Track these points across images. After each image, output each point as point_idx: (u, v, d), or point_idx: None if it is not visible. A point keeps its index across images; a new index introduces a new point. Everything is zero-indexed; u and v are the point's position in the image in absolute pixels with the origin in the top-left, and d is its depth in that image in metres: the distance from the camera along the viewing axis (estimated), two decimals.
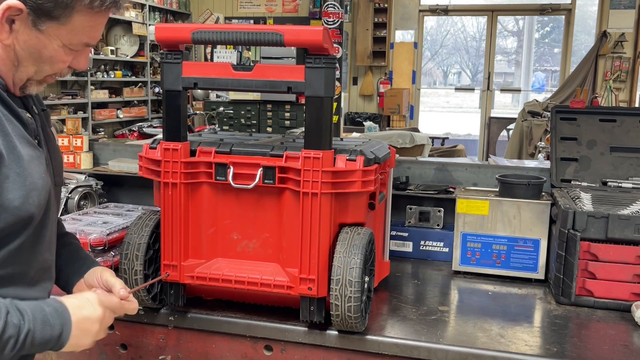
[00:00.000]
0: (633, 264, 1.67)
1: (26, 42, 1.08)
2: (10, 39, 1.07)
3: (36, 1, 1.04)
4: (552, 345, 1.49)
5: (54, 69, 1.15)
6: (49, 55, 1.12)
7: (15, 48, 1.09)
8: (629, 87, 8.43)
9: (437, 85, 16.09)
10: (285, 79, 1.46)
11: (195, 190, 1.55)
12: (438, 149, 6.54)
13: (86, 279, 1.38)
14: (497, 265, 1.95)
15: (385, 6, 9.35)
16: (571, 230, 1.71)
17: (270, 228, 1.54)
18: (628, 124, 2.10)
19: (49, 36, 1.09)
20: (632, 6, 8.13)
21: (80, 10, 1.08)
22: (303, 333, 1.54)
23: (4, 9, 1.03)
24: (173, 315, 1.62)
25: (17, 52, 1.09)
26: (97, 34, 1.16)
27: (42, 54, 1.11)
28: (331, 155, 1.47)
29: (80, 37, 1.12)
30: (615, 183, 2.04)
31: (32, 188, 1.10)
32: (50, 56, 1.12)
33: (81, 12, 1.09)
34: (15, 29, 1.06)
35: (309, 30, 1.40)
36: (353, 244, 1.45)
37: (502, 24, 12.53)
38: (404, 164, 2.43)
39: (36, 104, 1.26)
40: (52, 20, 1.07)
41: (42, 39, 1.09)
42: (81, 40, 1.13)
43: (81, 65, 1.19)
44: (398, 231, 2.16)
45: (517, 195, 1.94)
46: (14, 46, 1.08)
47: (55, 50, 1.11)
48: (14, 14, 1.04)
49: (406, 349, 1.49)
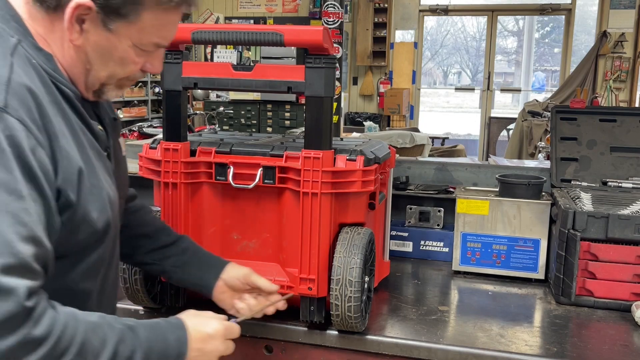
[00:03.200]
0: (633, 263, 1.67)
1: (97, 43, 1.04)
2: (81, 40, 1.02)
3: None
4: (552, 345, 1.49)
5: (126, 71, 1.10)
6: (119, 57, 1.06)
7: (86, 49, 1.04)
8: (629, 87, 8.43)
9: (437, 85, 16.10)
10: (285, 78, 1.46)
11: (195, 190, 1.55)
12: (438, 149, 6.54)
13: (226, 280, 1.40)
14: (497, 265, 1.95)
15: (385, 6, 9.34)
16: (571, 230, 1.71)
17: (270, 228, 1.54)
18: (628, 124, 2.10)
19: (119, 36, 1.04)
20: (632, 6, 8.12)
21: (148, 7, 1.03)
22: (303, 333, 1.54)
23: (73, 7, 0.98)
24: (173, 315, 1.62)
25: (89, 53, 1.04)
26: (168, 34, 1.11)
27: (113, 55, 1.06)
28: (331, 155, 1.47)
29: (150, 36, 1.07)
30: (616, 183, 2.04)
31: (107, 201, 1.07)
32: (120, 57, 1.07)
33: (150, 9, 1.04)
34: (86, 29, 1.01)
35: (309, 30, 1.40)
36: (353, 243, 1.45)
37: (502, 23, 12.54)
38: (404, 164, 2.43)
39: (107, 112, 1.21)
40: (121, 19, 1.02)
41: (112, 39, 1.04)
42: (151, 40, 1.08)
43: (155, 68, 1.14)
44: (398, 231, 2.16)
45: (517, 195, 1.94)
46: (85, 47, 1.03)
47: (125, 51, 1.06)
48: (84, 13, 1.00)
49: (406, 349, 1.49)
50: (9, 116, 0.88)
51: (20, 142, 0.88)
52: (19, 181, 0.87)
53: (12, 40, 0.97)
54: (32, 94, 0.93)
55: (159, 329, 1.07)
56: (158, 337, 1.05)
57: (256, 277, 1.41)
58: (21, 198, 0.86)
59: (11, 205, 0.85)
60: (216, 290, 1.40)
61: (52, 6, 1.00)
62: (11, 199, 0.85)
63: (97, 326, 0.95)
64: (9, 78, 0.91)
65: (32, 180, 0.89)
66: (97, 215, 1.04)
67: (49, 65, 1.01)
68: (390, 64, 9.62)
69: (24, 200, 0.87)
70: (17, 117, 0.89)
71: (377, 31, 9.45)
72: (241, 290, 1.41)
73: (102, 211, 1.06)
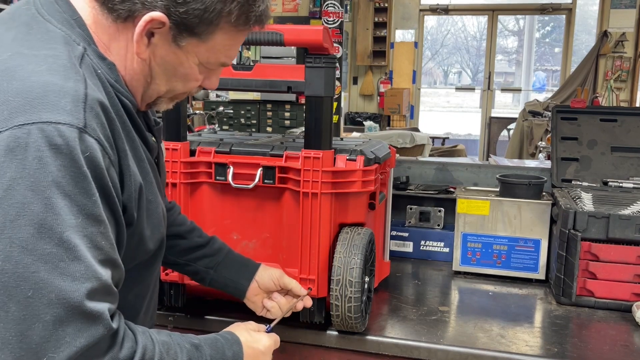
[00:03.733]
0: (634, 264, 1.67)
1: (163, 58, 0.99)
2: (146, 53, 0.97)
3: (181, 15, 0.93)
4: (553, 345, 1.49)
5: (187, 87, 1.06)
6: (184, 73, 1.02)
7: (150, 63, 0.99)
8: (630, 86, 8.42)
9: (438, 85, 16.10)
10: (285, 78, 1.46)
11: (195, 190, 1.55)
12: (438, 149, 6.54)
13: (259, 281, 1.39)
14: (498, 265, 1.95)
15: (385, 5, 9.34)
16: (572, 230, 1.70)
17: (270, 228, 1.53)
18: (629, 124, 2.10)
19: (187, 53, 0.99)
20: (632, 6, 8.12)
21: (223, 27, 0.99)
22: (303, 333, 1.54)
23: (147, 20, 0.93)
24: (172, 315, 1.62)
25: (152, 67, 1.00)
26: (234, 54, 1.07)
27: (177, 71, 1.02)
28: (331, 155, 1.47)
29: (218, 55, 1.03)
30: (616, 183, 2.04)
31: (161, 217, 1.06)
32: (185, 74, 1.02)
33: (224, 29, 0.99)
34: (154, 43, 0.96)
35: (309, 29, 1.39)
36: (353, 244, 1.44)
37: (503, 23, 12.54)
38: (404, 163, 2.43)
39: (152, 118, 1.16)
40: (193, 37, 0.97)
41: (179, 55, 0.99)
42: (218, 60, 1.04)
43: (213, 85, 1.10)
44: (398, 231, 2.16)
45: (517, 195, 1.93)
46: (149, 61, 0.99)
47: (190, 68, 1.02)
48: (156, 27, 0.94)
49: (406, 349, 1.49)
50: (89, 136, 0.83)
51: (99, 164, 0.84)
52: (97, 205, 0.84)
53: (78, 49, 0.92)
54: (104, 109, 0.89)
55: (220, 346, 1.06)
56: (219, 354, 1.05)
57: (288, 279, 1.41)
58: (98, 222, 0.84)
59: (88, 230, 0.82)
60: (250, 291, 1.39)
61: (122, 16, 0.94)
62: (89, 223, 0.82)
63: (169, 347, 0.94)
64: (85, 94, 0.86)
65: (106, 201, 0.87)
66: (149, 233, 1.02)
67: (111, 75, 0.96)
68: (391, 63, 9.62)
69: (100, 224, 0.84)
70: (96, 137, 0.85)
71: (377, 31, 9.45)
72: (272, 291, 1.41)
73: (156, 228, 1.04)
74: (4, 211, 0.77)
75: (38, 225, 0.78)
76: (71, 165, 0.80)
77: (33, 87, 0.82)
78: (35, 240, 0.77)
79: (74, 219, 0.80)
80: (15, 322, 0.77)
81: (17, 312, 0.76)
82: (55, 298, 0.77)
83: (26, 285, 0.77)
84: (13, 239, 0.77)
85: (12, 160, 0.78)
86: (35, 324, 0.77)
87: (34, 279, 0.77)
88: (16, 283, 0.77)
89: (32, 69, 0.84)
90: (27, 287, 0.77)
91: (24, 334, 0.77)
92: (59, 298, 0.78)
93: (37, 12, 0.94)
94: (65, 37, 0.92)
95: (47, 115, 0.80)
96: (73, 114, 0.82)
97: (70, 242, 0.79)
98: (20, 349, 0.77)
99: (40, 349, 0.77)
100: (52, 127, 0.80)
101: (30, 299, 0.77)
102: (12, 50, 0.88)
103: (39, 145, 0.79)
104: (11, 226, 0.77)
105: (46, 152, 0.79)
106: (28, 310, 0.77)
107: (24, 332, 0.77)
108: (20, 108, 0.80)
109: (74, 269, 0.79)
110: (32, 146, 0.79)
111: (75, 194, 0.81)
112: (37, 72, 0.84)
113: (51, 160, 0.79)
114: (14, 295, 0.76)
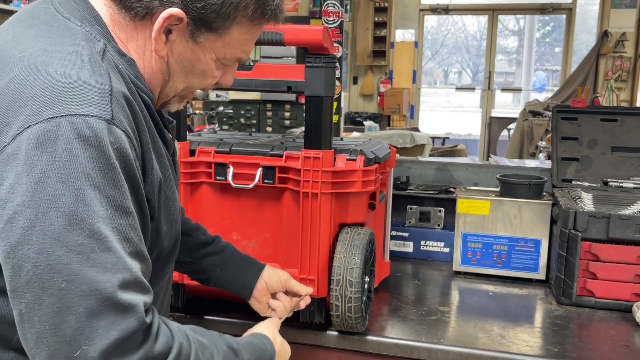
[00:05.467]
0: (634, 264, 1.67)
1: (181, 55, 0.99)
2: (164, 51, 0.97)
3: (198, 10, 0.94)
4: (553, 345, 1.49)
5: (203, 84, 1.06)
6: (201, 69, 1.02)
7: (168, 60, 0.99)
8: (630, 86, 8.42)
9: (438, 85, 16.10)
10: (285, 78, 1.46)
11: (195, 190, 1.55)
12: (438, 149, 6.53)
13: (268, 283, 1.37)
14: (498, 265, 1.95)
15: (385, 5, 9.34)
16: (572, 230, 1.70)
17: (270, 228, 1.53)
18: (629, 124, 2.10)
19: (205, 49, 0.99)
20: (633, 5, 8.11)
21: (240, 21, 0.99)
22: (303, 333, 1.54)
23: (165, 17, 0.93)
24: (172, 315, 1.62)
25: (170, 65, 1.00)
26: (250, 48, 1.07)
27: (195, 68, 1.02)
28: (331, 155, 1.47)
29: (235, 50, 1.03)
30: (617, 183, 2.04)
31: (178, 214, 1.06)
32: (202, 70, 1.02)
33: (241, 23, 1.00)
34: (172, 39, 0.97)
35: (309, 29, 1.39)
36: (353, 244, 1.44)
37: (503, 23, 12.53)
38: (405, 163, 2.43)
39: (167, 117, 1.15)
40: (211, 32, 0.97)
41: (197, 52, 0.99)
42: (235, 55, 1.04)
43: (229, 82, 1.10)
44: (398, 231, 2.16)
45: (518, 195, 1.93)
46: (167, 58, 0.99)
47: (208, 64, 1.02)
48: (174, 24, 0.94)
49: (406, 350, 1.49)
50: (117, 128, 0.84)
51: (127, 155, 0.85)
52: (126, 197, 0.84)
53: (100, 45, 0.92)
54: (128, 102, 0.89)
55: (256, 349, 1.07)
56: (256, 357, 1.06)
57: (294, 282, 1.40)
58: (127, 214, 0.84)
59: (118, 221, 0.82)
60: (258, 292, 1.37)
61: (140, 14, 0.94)
62: (118, 215, 0.82)
63: (205, 347, 0.94)
64: (111, 87, 0.86)
65: (134, 193, 0.87)
66: (166, 229, 1.01)
67: (131, 72, 0.96)
68: (391, 63, 9.62)
69: (129, 216, 0.84)
70: (123, 128, 0.85)
71: (378, 30, 9.45)
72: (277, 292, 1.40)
73: (173, 225, 1.04)
74: (35, 204, 0.78)
75: (69, 217, 0.78)
76: (100, 156, 0.81)
77: (60, 81, 0.83)
78: (67, 232, 0.78)
79: (103, 211, 0.80)
80: (49, 314, 0.77)
81: (50, 304, 0.77)
82: (88, 289, 0.77)
83: (59, 277, 0.77)
84: (45, 231, 0.77)
85: (42, 153, 0.79)
86: (69, 316, 0.77)
87: (67, 270, 0.77)
88: (50, 275, 0.77)
89: (57, 64, 0.85)
90: (60, 279, 0.77)
91: (58, 327, 0.77)
92: (91, 289, 0.78)
93: (55, 10, 0.94)
94: (85, 34, 0.92)
95: (75, 108, 0.81)
96: (100, 106, 0.83)
97: (101, 233, 0.79)
98: (55, 342, 0.77)
99: (74, 341, 0.77)
100: (81, 119, 0.81)
101: (64, 291, 0.77)
102: (35, 46, 0.88)
103: (68, 138, 0.79)
104: (43, 218, 0.77)
105: (76, 144, 0.79)
106: (62, 302, 0.77)
107: (58, 324, 0.77)
108: (49, 102, 0.81)
109: (105, 260, 0.79)
110: (62, 139, 0.79)
111: (104, 186, 0.81)
112: (62, 66, 0.85)
113: (81, 152, 0.79)
114: (47, 288, 0.77)
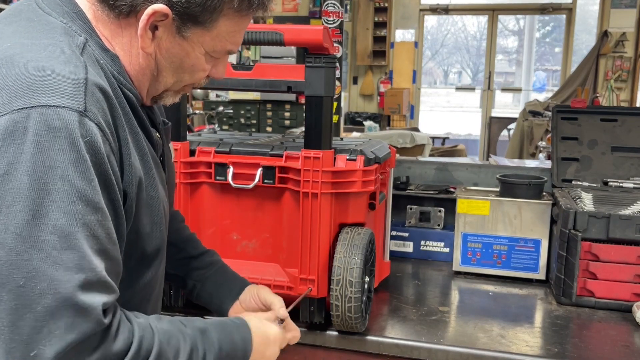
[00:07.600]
0: (634, 264, 1.67)
1: (168, 51, 0.98)
2: (152, 48, 0.96)
3: (183, 5, 0.93)
4: (553, 345, 1.49)
5: (194, 78, 1.05)
6: (190, 64, 1.01)
7: (156, 57, 0.98)
8: (630, 86, 8.42)
9: (438, 85, 16.09)
10: (285, 78, 1.46)
11: (195, 190, 1.55)
12: (438, 149, 6.53)
13: (242, 299, 1.31)
14: (498, 265, 1.95)
15: (385, 5, 9.34)
16: (572, 230, 1.70)
17: (270, 228, 1.53)
18: (629, 124, 2.10)
19: (193, 43, 0.98)
20: (633, 5, 8.11)
21: (227, 13, 0.97)
22: (303, 333, 1.53)
23: (150, 14, 0.91)
24: (172, 315, 1.62)
25: (158, 61, 0.99)
26: (239, 40, 1.06)
27: (184, 63, 1.01)
28: (331, 155, 1.47)
29: (224, 43, 1.02)
30: (617, 183, 2.04)
31: (163, 214, 1.03)
32: (192, 65, 1.01)
33: (227, 15, 0.98)
34: (158, 35, 0.95)
35: (309, 29, 1.39)
36: (353, 244, 1.44)
37: (503, 23, 12.52)
38: (405, 163, 2.43)
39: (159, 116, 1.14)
40: (197, 26, 0.96)
41: (185, 47, 0.98)
42: (224, 47, 1.03)
43: (220, 74, 1.10)
44: (398, 231, 2.16)
45: (517, 195, 1.93)
46: (155, 55, 0.98)
47: (197, 58, 1.01)
48: (159, 20, 0.93)
49: (406, 350, 1.48)
50: (89, 120, 0.82)
51: (99, 149, 0.82)
52: (96, 192, 0.81)
53: (80, 39, 0.91)
54: (106, 95, 0.87)
55: (227, 329, 1.04)
56: (227, 337, 1.02)
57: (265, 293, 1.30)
58: (97, 210, 0.81)
59: (87, 217, 0.80)
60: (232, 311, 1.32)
61: (124, 12, 0.93)
62: (88, 211, 0.79)
63: (170, 335, 0.92)
64: (86, 79, 0.84)
65: (106, 189, 0.84)
66: (149, 230, 0.99)
67: (114, 67, 0.95)
68: (391, 63, 9.61)
69: (98, 212, 0.82)
70: (96, 121, 0.83)
71: (378, 30, 9.44)
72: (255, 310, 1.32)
73: (157, 226, 1.01)
74: (0, 197, 0.76)
75: (34, 212, 0.76)
76: (70, 149, 0.79)
77: (32, 72, 0.81)
78: (30, 227, 0.76)
79: (71, 205, 0.78)
80: (7, 311, 0.75)
81: (9, 301, 0.75)
82: (47, 288, 0.76)
83: (19, 273, 0.75)
84: (8, 226, 0.75)
85: (10, 144, 0.77)
86: (27, 315, 0.75)
87: (27, 267, 0.75)
88: (9, 271, 0.75)
89: (32, 56, 0.84)
90: (19, 275, 0.75)
91: (15, 325, 0.75)
92: (50, 288, 0.76)
93: (37, 7, 0.94)
94: (65, 28, 0.91)
95: (46, 98, 0.79)
96: (73, 98, 0.81)
97: (65, 230, 0.77)
98: (12, 340, 0.75)
99: (31, 340, 0.75)
100: (52, 110, 0.79)
101: (22, 288, 0.75)
102: (12, 41, 0.87)
103: (37, 129, 0.77)
104: (7, 212, 0.76)
105: (45, 135, 0.77)
106: (19, 300, 0.75)
107: (15, 322, 0.75)
108: (20, 92, 0.79)
109: (68, 259, 0.77)
110: (31, 130, 0.77)
111: (74, 179, 0.79)
112: (36, 58, 0.84)
113: (50, 144, 0.77)
114: (6, 284, 0.75)
